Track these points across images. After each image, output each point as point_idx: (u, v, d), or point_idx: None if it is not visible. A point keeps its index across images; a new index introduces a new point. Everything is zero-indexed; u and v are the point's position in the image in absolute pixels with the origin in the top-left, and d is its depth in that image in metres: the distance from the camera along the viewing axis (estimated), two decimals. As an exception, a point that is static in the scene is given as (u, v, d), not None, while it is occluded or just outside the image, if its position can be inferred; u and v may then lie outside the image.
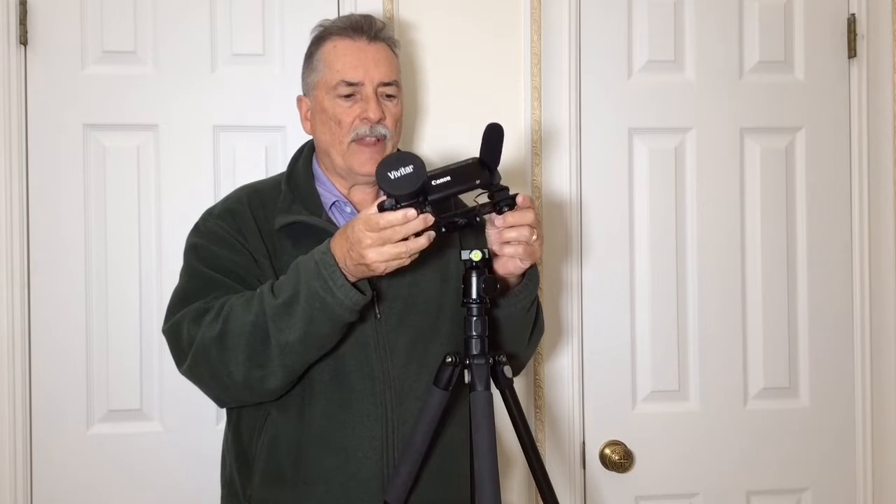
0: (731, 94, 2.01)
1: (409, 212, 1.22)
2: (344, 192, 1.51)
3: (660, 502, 1.99)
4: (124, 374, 1.83)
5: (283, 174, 1.54)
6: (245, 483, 1.45)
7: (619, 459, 1.94)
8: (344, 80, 1.44)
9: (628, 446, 1.96)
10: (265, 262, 1.43)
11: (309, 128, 1.54)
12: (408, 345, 1.44)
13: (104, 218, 1.83)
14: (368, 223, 1.23)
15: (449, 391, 1.33)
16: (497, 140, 1.28)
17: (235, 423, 1.48)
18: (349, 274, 1.28)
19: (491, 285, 1.32)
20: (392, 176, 1.21)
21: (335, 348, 1.38)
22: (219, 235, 1.44)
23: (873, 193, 2.02)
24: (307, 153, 1.55)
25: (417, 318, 1.45)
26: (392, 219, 1.22)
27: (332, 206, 1.50)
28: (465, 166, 1.28)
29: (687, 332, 1.99)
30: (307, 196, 1.48)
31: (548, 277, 1.94)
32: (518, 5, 1.94)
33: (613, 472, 1.95)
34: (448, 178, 1.25)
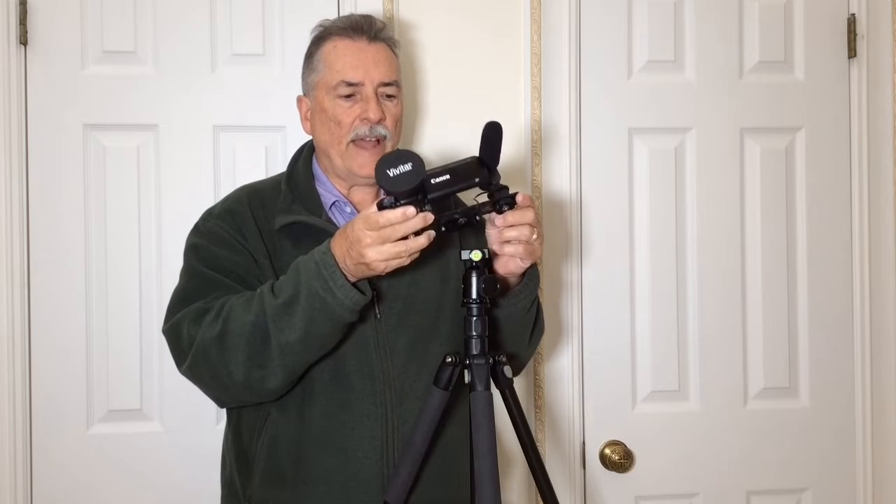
0: (731, 94, 2.01)
1: (408, 210, 1.22)
2: (344, 192, 1.51)
3: (660, 502, 1.99)
4: (124, 374, 1.83)
5: (283, 174, 1.54)
6: (245, 483, 1.45)
7: (619, 459, 1.94)
8: (344, 81, 1.44)
9: (628, 446, 1.96)
10: (265, 262, 1.43)
11: (309, 128, 1.54)
12: (408, 345, 1.44)
13: (104, 218, 1.83)
14: (368, 222, 1.23)
15: (449, 391, 1.33)
16: (496, 138, 1.28)
17: (235, 423, 1.48)
18: (349, 274, 1.28)
19: (491, 285, 1.32)
20: (391, 174, 1.21)
21: (335, 348, 1.38)
22: (219, 235, 1.44)
23: (873, 193, 2.02)
24: (307, 153, 1.55)
25: (417, 318, 1.45)
26: (391, 217, 1.22)
27: (332, 206, 1.50)
28: (465, 165, 1.28)
29: (687, 332, 1.99)
30: (307, 196, 1.48)
31: (548, 277, 1.94)
32: (518, 5, 1.94)
33: (613, 472, 1.95)
34: (447, 176, 1.25)
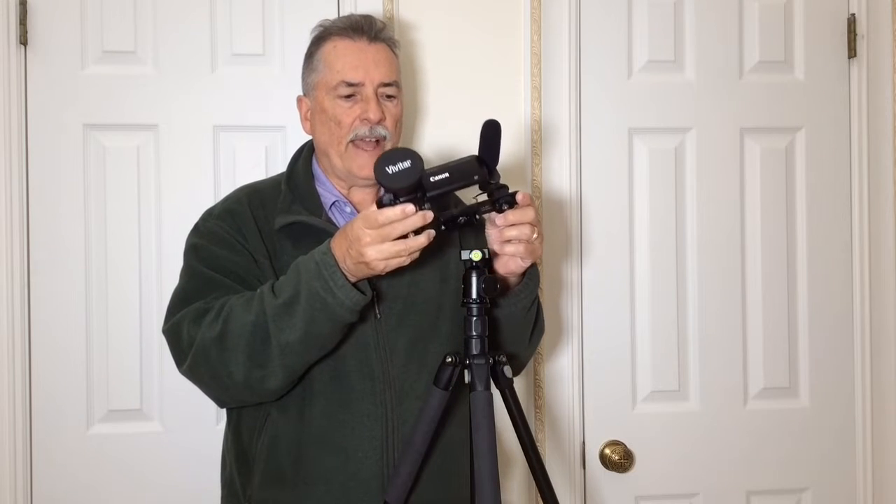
0: (731, 94, 2.01)
1: (407, 207, 1.22)
2: (344, 193, 1.51)
3: (660, 502, 1.99)
4: (124, 374, 1.83)
5: (283, 174, 1.54)
6: (245, 483, 1.45)
7: (619, 459, 1.94)
8: (344, 81, 1.44)
9: (628, 446, 1.96)
10: (265, 262, 1.43)
11: (309, 128, 1.53)
12: (408, 345, 1.44)
13: (104, 218, 1.83)
14: (367, 220, 1.23)
15: (449, 391, 1.33)
16: (494, 136, 1.28)
17: (235, 423, 1.48)
18: (349, 274, 1.28)
19: (491, 285, 1.32)
20: (390, 171, 1.21)
21: (335, 348, 1.38)
22: (219, 236, 1.44)
23: (873, 193, 2.02)
24: (307, 153, 1.55)
25: (417, 318, 1.45)
26: (391, 214, 1.22)
27: (331, 207, 1.50)
28: (464, 163, 1.28)
29: (687, 332, 1.99)
30: (307, 196, 1.48)
31: (548, 277, 1.94)
32: (518, 5, 1.94)
33: (613, 472, 1.95)
34: (446, 174, 1.25)
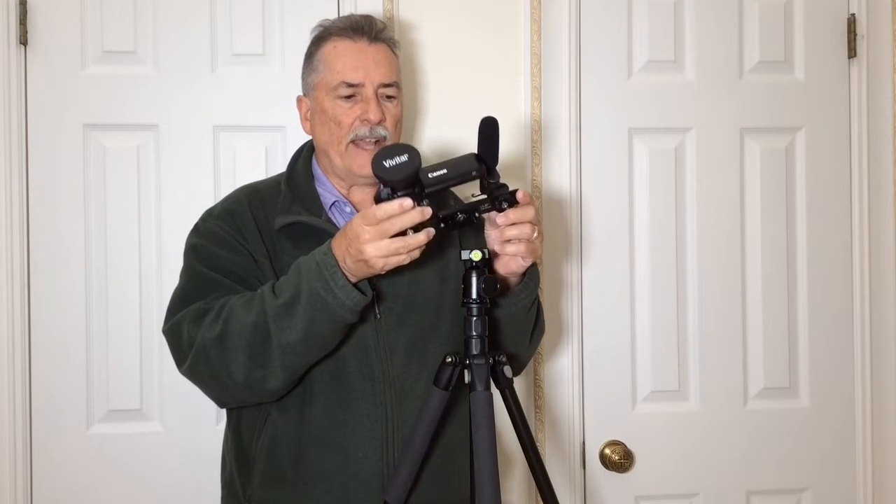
0: (731, 94, 2.01)
1: (405, 201, 1.22)
2: (344, 193, 1.51)
3: (660, 502, 1.99)
4: (124, 374, 1.83)
5: (283, 174, 1.54)
6: (245, 483, 1.45)
7: (619, 459, 1.94)
8: (344, 82, 1.44)
9: (628, 446, 1.96)
10: (265, 262, 1.43)
11: (309, 128, 1.53)
12: (408, 345, 1.44)
13: (104, 218, 1.83)
14: (365, 217, 1.23)
15: (449, 391, 1.33)
16: (492, 133, 1.28)
17: (235, 423, 1.48)
18: (350, 273, 1.28)
19: (491, 285, 1.32)
20: (387, 164, 1.21)
21: (336, 349, 1.38)
22: (218, 236, 1.44)
23: (873, 193, 2.02)
24: (307, 153, 1.55)
25: (417, 318, 1.45)
26: (388, 209, 1.22)
27: (331, 207, 1.50)
28: (462, 159, 1.29)
29: (687, 332, 1.99)
30: (307, 196, 1.48)
31: (548, 277, 1.94)
32: (518, 5, 1.94)
33: (613, 472, 1.95)
34: (444, 170, 1.25)
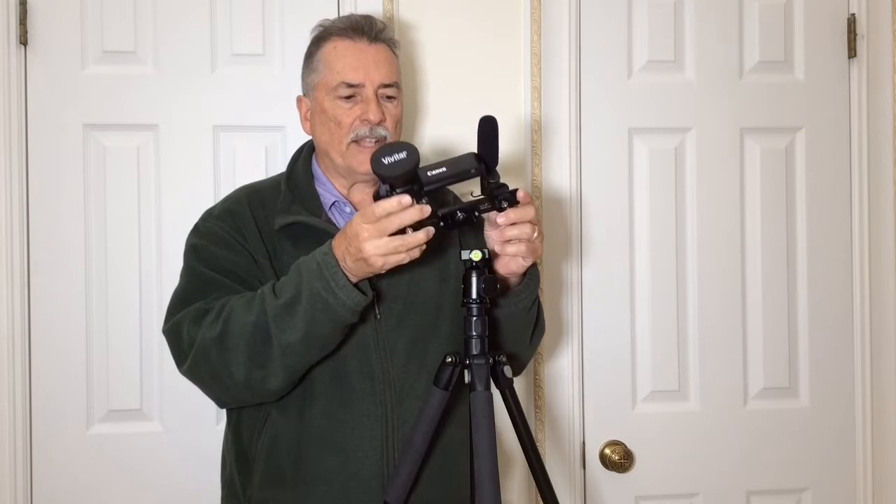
0: (731, 94, 2.01)
1: (403, 198, 1.22)
2: (344, 193, 1.51)
3: (660, 502, 1.99)
4: (124, 374, 1.83)
5: (283, 174, 1.54)
6: (245, 483, 1.45)
7: (619, 459, 1.94)
8: (344, 82, 1.44)
9: (628, 446, 1.96)
10: (265, 262, 1.43)
11: (309, 128, 1.53)
12: (408, 345, 1.44)
13: (104, 218, 1.83)
14: (364, 214, 1.23)
15: (449, 391, 1.33)
16: (491, 132, 1.28)
17: (235, 423, 1.48)
18: (350, 273, 1.28)
19: (491, 285, 1.32)
20: (386, 161, 1.21)
21: (336, 349, 1.38)
22: (218, 236, 1.44)
23: (873, 193, 2.02)
24: (307, 153, 1.55)
25: (417, 318, 1.45)
26: (387, 206, 1.22)
27: (331, 207, 1.50)
28: (461, 158, 1.29)
29: (687, 332, 1.99)
30: (307, 196, 1.48)
31: (548, 277, 1.94)
32: (518, 5, 1.94)
33: (613, 472, 1.95)
34: (443, 168, 1.26)
